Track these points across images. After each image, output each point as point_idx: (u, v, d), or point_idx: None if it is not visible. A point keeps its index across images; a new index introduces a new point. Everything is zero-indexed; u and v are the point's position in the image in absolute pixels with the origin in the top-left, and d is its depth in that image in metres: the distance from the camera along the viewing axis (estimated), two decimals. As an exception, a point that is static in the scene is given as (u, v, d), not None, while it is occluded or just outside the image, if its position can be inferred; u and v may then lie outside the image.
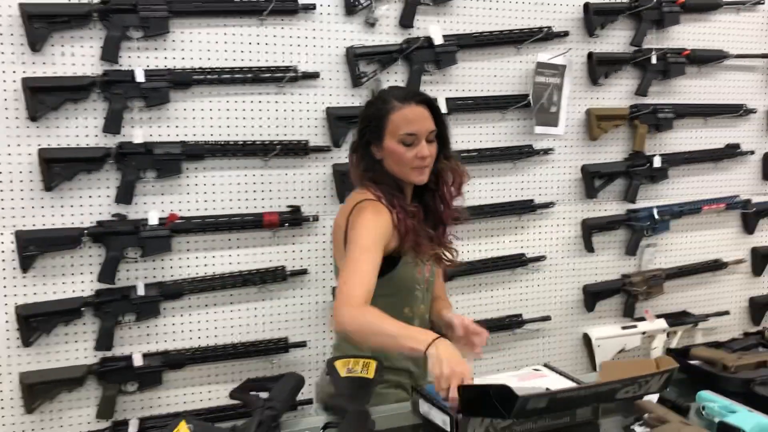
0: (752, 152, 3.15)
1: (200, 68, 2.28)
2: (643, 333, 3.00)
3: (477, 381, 1.33)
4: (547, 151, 2.77)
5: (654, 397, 1.48)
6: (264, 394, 1.44)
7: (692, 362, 1.70)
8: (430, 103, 1.77)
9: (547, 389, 1.31)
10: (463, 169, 1.84)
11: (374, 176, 1.76)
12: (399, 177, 1.75)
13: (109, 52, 2.17)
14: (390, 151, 1.72)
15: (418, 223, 1.72)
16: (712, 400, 1.43)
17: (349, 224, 1.70)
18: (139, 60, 2.23)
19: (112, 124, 2.19)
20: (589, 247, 2.89)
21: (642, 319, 3.02)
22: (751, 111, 3.11)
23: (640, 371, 1.29)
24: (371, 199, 1.73)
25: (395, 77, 2.54)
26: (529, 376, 1.44)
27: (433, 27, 2.53)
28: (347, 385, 1.56)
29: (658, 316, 3.04)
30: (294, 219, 2.41)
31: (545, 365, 1.54)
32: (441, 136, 1.77)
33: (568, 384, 1.41)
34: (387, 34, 2.52)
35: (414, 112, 1.72)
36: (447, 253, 1.85)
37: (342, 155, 2.47)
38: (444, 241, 1.84)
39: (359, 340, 1.56)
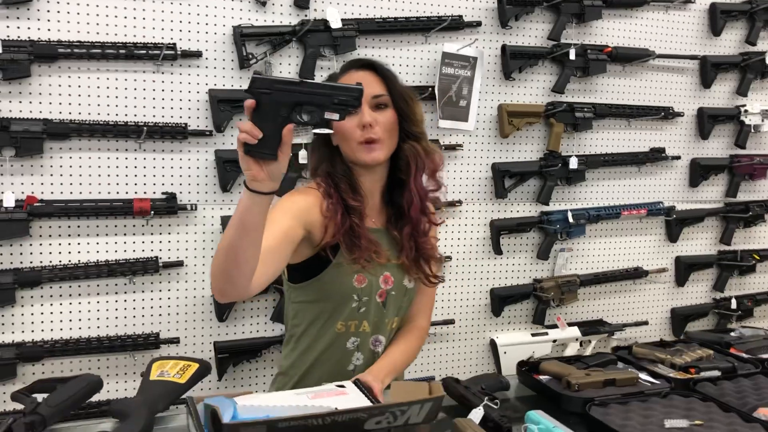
0: (678, 157, 3.03)
1: (67, 41, 2.12)
2: (554, 341, 2.88)
3: (259, 398, 1.19)
4: (454, 147, 2.63)
5: (479, 414, 1.35)
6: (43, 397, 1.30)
7: (541, 377, 1.56)
8: (376, 66, 1.57)
9: (335, 409, 1.16)
10: (437, 152, 1.59)
11: (326, 167, 1.58)
12: (353, 162, 1.55)
13: (-38, 19, 2.01)
14: (336, 128, 1.52)
15: (357, 220, 1.52)
16: (536, 422, 1.29)
17: None
18: (-2, 29, 2.07)
19: (-36, 97, 2.04)
20: (498, 250, 2.75)
21: (554, 326, 2.89)
22: (678, 114, 2.98)
23: (415, 396, 1.14)
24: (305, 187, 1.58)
25: (288, 60, 2.39)
26: (324, 394, 1.29)
27: (330, 9, 2.38)
28: (150, 388, 1.42)
29: (572, 324, 2.92)
30: (169, 207, 2.26)
31: (355, 381, 1.39)
32: (399, 110, 1.55)
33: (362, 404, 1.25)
34: (281, 14, 2.37)
35: (353, 77, 1.53)
36: (423, 264, 1.60)
37: (226, 141, 2.33)
38: (419, 246, 1.60)
39: (215, 265, 1.28)
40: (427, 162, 1.58)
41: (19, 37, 2.09)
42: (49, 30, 2.12)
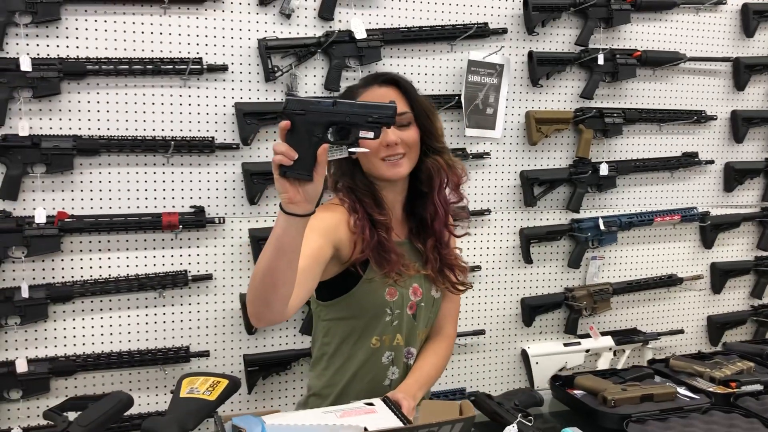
0: (712, 162, 2.96)
1: (95, 58, 2.14)
2: (587, 351, 2.82)
3: (287, 417, 1.17)
4: (482, 155, 2.60)
5: (514, 429, 1.32)
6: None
7: (575, 392, 1.52)
8: (400, 83, 1.56)
9: (365, 429, 1.14)
10: (459, 165, 1.58)
11: (347, 182, 1.56)
12: (374, 176, 1.53)
13: (-7, 39, 2.04)
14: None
15: (385, 234, 1.50)
16: (571, 440, 1.26)
17: None
18: (28, 47, 2.10)
19: (-5, 115, 2.07)
20: (528, 258, 2.71)
21: (587, 336, 2.84)
22: (711, 118, 2.92)
23: (446, 416, 1.11)
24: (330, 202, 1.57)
25: (314, 72, 2.39)
26: (353, 412, 1.26)
27: (354, 20, 2.37)
28: (181, 406, 1.41)
29: (605, 333, 2.86)
30: (197, 221, 2.26)
31: (384, 399, 1.36)
32: (422, 126, 1.54)
33: (394, 425, 1.22)
34: (306, 26, 2.37)
35: (375, 93, 1.52)
36: (449, 273, 1.60)
37: (252, 153, 2.33)
38: (443, 257, 1.59)
39: (252, 289, 1.27)
40: (450, 175, 1.57)
41: (48, 54, 2.12)
42: (77, 47, 2.15)
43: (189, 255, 2.31)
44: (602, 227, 2.76)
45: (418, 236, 1.60)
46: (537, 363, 2.77)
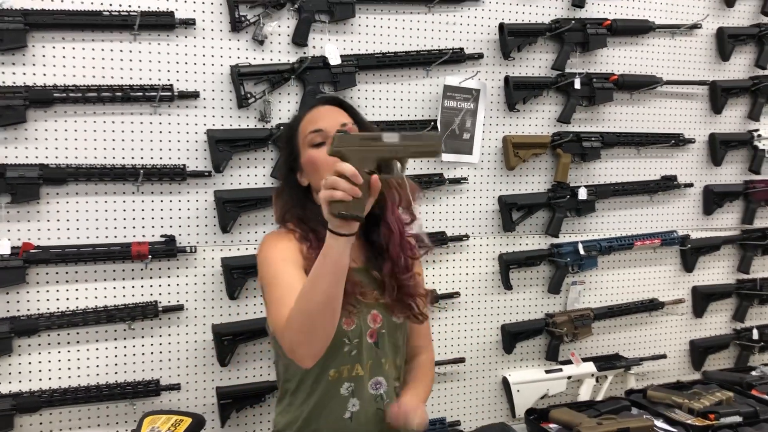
0: (691, 185, 2.95)
1: (63, 85, 2.10)
2: (569, 377, 2.78)
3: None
4: (459, 181, 2.57)
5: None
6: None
7: (549, 426, 1.48)
8: (340, 102, 1.59)
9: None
10: (409, 183, 1.53)
11: (298, 212, 1.54)
12: None
13: (-43, 67, 2.00)
14: (306, 163, 1.51)
15: None
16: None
17: (257, 264, 1.52)
18: (-7, 76, 2.06)
19: (-41, 144, 2.02)
20: (507, 284, 2.68)
21: (568, 362, 2.80)
22: (689, 141, 2.91)
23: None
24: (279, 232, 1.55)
25: (288, 98, 2.36)
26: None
27: (329, 46, 2.35)
28: (139, 449, 1.36)
29: (587, 360, 2.82)
30: (168, 250, 2.21)
31: None
32: None
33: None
34: (279, 52, 2.34)
35: (320, 110, 1.55)
36: (409, 301, 1.55)
37: (225, 181, 2.29)
38: (401, 284, 1.54)
39: (309, 325, 1.27)
40: (403, 194, 1.54)
41: (14, 82, 2.08)
42: (44, 75, 2.10)
43: (159, 285, 2.26)
44: (582, 252, 2.73)
45: (375, 263, 1.56)
46: (518, 391, 2.72)
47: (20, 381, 2.14)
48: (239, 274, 2.29)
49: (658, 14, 2.84)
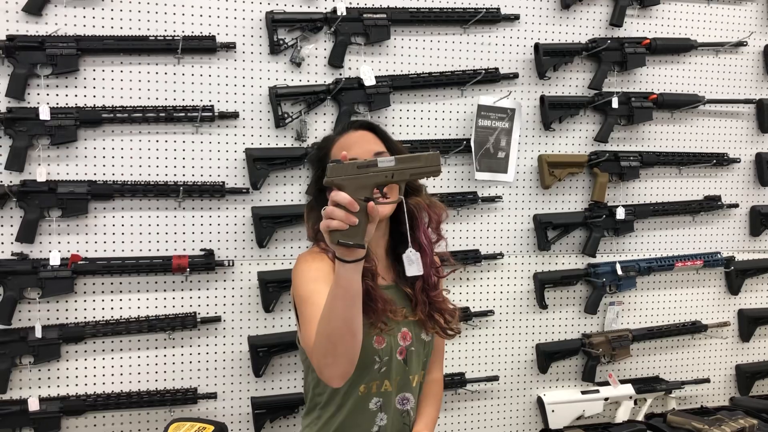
0: (736, 205, 2.88)
1: (110, 106, 2.23)
2: (606, 399, 2.74)
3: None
4: (493, 199, 2.59)
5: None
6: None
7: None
8: (373, 127, 1.62)
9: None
10: (438, 204, 1.60)
11: None
12: None
13: (15, 89, 2.15)
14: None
15: (371, 281, 1.52)
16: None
17: (292, 283, 1.58)
18: (48, 97, 2.20)
19: (15, 162, 2.16)
20: (542, 303, 2.67)
21: (605, 383, 2.76)
22: (734, 160, 2.85)
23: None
24: (313, 251, 1.60)
25: (324, 118, 2.43)
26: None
27: (363, 67, 2.42)
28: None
29: (625, 381, 2.78)
30: (207, 263, 2.30)
31: None
32: None
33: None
34: (316, 74, 2.42)
35: (352, 137, 1.59)
36: (438, 317, 1.60)
37: (262, 198, 2.37)
38: (431, 300, 1.60)
39: (331, 348, 1.32)
40: (432, 214, 1.58)
41: (66, 104, 2.21)
42: (94, 96, 2.24)
43: (198, 297, 2.35)
44: (620, 272, 2.70)
45: (405, 280, 1.60)
46: (553, 411, 2.70)
47: (67, 385, 2.26)
48: (274, 288, 2.36)
49: (700, 32, 2.80)
